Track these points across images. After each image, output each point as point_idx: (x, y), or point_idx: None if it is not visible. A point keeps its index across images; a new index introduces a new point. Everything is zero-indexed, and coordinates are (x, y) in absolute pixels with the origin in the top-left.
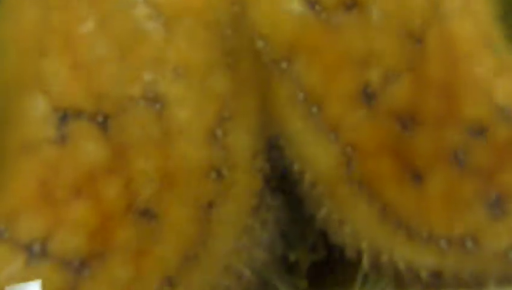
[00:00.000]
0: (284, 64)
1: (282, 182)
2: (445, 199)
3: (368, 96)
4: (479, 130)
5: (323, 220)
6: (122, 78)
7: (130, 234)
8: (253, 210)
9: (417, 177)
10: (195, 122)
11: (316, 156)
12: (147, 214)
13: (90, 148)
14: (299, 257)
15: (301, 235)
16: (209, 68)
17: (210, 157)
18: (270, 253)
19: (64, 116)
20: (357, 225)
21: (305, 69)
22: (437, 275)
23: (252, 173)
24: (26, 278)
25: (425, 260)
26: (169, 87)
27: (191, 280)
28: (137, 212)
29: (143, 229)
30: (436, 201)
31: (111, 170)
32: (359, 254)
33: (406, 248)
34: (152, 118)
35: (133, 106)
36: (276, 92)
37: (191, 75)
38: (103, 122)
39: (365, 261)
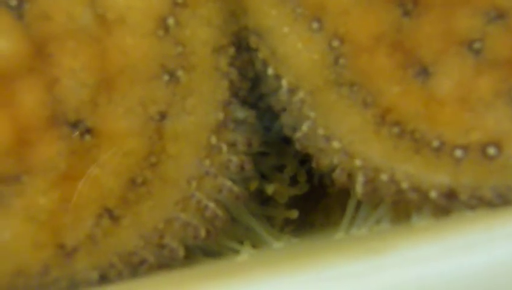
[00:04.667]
0: None
1: (254, 93)
2: (458, 97)
3: None
4: (498, 15)
5: (305, 138)
6: None
7: (55, 152)
8: (218, 126)
9: (423, 72)
10: (139, 7)
11: (295, 53)
12: (78, 126)
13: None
14: (276, 191)
15: (277, 163)
16: None
17: (160, 53)
18: (241, 183)
19: None
20: (349, 138)
21: None
22: (451, 195)
23: (215, 78)
24: None
25: (435, 176)
26: None
27: (138, 212)
28: (65, 124)
29: (73, 146)
30: (447, 101)
31: (29, 69)
32: (349, 178)
33: (411, 163)
34: (82, 1)
35: None
36: None
37: None
38: (18, 7)
39: (359, 185)
